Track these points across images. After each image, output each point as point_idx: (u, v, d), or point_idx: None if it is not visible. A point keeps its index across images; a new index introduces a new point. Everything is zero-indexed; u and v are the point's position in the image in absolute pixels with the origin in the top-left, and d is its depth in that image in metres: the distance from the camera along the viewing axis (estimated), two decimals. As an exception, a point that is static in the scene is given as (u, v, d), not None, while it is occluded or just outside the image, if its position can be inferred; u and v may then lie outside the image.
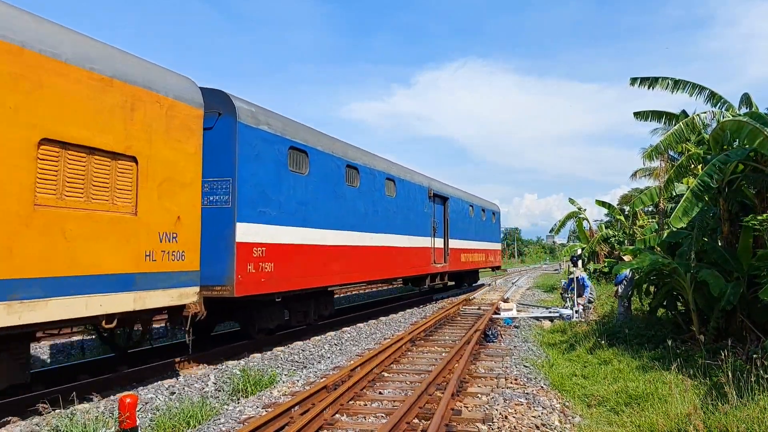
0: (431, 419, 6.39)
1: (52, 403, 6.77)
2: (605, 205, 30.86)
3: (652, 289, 13.33)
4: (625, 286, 14.24)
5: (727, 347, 8.49)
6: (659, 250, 14.03)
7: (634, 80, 13.13)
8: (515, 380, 8.72)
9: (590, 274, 25.22)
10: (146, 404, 7.53)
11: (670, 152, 18.20)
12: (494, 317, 15.91)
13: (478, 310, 18.82)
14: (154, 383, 8.66)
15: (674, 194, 14.38)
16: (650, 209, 28.88)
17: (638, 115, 14.23)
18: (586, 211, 33.71)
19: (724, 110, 12.18)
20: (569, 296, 17.35)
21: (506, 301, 20.65)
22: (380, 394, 8.01)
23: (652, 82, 12.93)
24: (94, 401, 7.28)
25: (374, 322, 16.14)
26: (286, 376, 9.44)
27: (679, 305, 12.13)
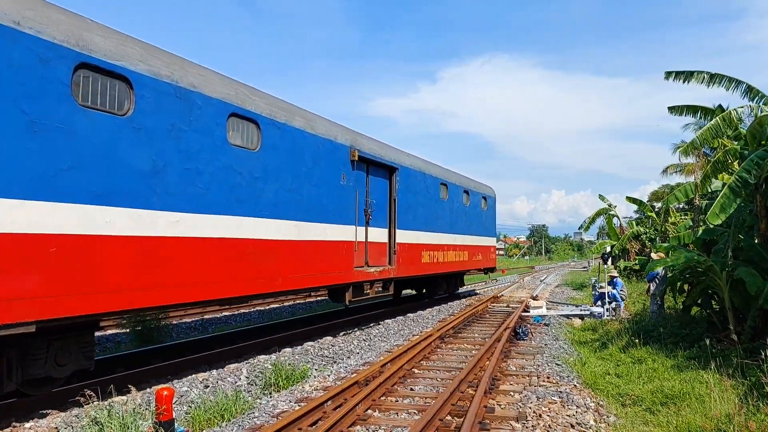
0: (464, 416, 6.36)
1: (90, 395, 6.93)
2: (636, 201, 30.34)
3: (686, 287, 13.08)
4: (657, 283, 14.00)
5: (764, 346, 8.29)
6: (693, 247, 13.77)
7: (668, 74, 12.84)
8: (548, 378, 8.64)
9: (620, 271, 24.84)
10: (181, 397, 7.66)
11: (703, 148, 17.80)
12: (524, 315, 15.79)
13: (506, 307, 18.73)
14: (188, 376, 8.81)
15: (710, 190, 14.08)
16: (682, 206, 28.31)
17: (673, 109, 13.96)
18: (616, 207, 33.20)
19: (762, 104, 11.88)
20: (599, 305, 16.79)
21: (536, 298, 20.43)
22: (411, 390, 8.01)
23: (687, 76, 12.65)
24: (131, 393, 7.42)
25: (402, 318, 16.14)
26: (317, 371, 9.51)
27: (714, 304, 11.87)
